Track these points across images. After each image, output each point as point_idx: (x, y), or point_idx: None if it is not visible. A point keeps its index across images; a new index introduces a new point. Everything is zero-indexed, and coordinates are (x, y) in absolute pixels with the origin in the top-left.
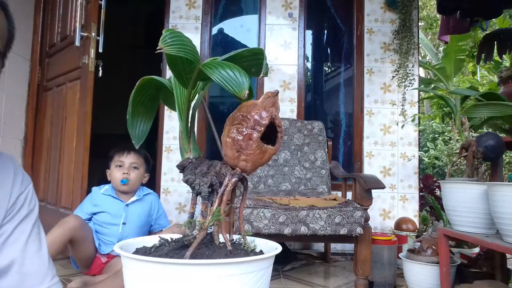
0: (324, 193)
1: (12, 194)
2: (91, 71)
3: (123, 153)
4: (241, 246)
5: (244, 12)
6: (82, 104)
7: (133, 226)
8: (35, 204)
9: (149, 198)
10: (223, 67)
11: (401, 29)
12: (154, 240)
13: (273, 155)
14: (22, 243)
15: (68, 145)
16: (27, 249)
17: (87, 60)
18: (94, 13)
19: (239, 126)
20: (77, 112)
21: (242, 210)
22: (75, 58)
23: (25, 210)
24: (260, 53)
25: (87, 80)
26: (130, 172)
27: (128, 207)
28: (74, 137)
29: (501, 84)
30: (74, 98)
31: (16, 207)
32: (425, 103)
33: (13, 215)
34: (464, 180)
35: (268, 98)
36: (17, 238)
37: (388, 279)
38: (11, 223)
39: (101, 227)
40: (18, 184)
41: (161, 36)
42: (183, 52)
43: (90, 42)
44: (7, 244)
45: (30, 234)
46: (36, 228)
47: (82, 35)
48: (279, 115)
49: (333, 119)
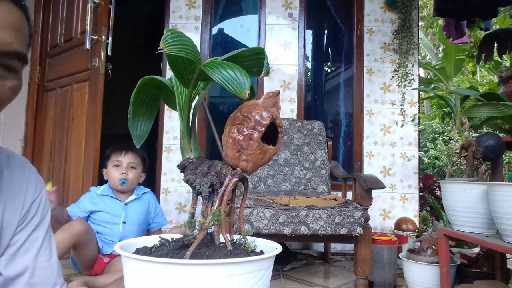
0: (324, 193)
1: (25, 201)
2: (101, 74)
3: (121, 153)
4: (241, 246)
5: (244, 12)
6: (92, 105)
7: (133, 224)
8: (48, 209)
9: (147, 196)
10: (224, 67)
11: (401, 29)
12: (154, 240)
13: (273, 155)
14: (35, 252)
15: (76, 145)
16: (38, 258)
17: (97, 62)
18: (104, 16)
19: (240, 126)
20: (86, 113)
21: (242, 210)
22: (82, 60)
23: (38, 217)
24: (261, 52)
25: (97, 82)
26: (128, 172)
27: (127, 206)
28: (83, 138)
29: (501, 84)
30: (82, 99)
31: (30, 215)
32: (425, 103)
33: (27, 223)
34: (464, 180)
35: (269, 98)
36: (30, 247)
37: (388, 279)
38: (25, 231)
39: (101, 227)
40: (32, 190)
41: (162, 36)
42: (184, 52)
43: (100, 45)
44: (20, 253)
45: (42, 243)
46: (48, 234)
47: (93, 38)
48: (280, 115)
49: (333, 119)
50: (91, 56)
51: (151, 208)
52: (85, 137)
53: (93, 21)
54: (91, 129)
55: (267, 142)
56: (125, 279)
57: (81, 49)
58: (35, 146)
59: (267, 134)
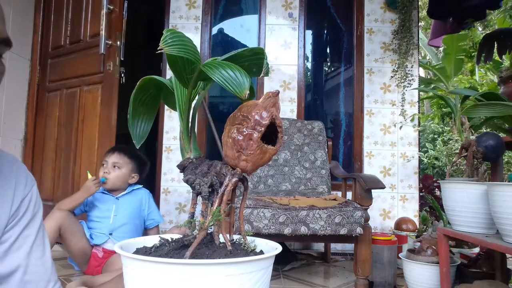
0: (324, 193)
1: (15, 198)
2: (116, 78)
3: (108, 153)
4: (241, 246)
5: (244, 12)
6: (107, 108)
7: (124, 218)
8: (39, 206)
9: (140, 192)
10: (224, 67)
11: (400, 29)
12: (154, 240)
13: (273, 155)
14: (27, 250)
15: (88, 147)
16: (31, 256)
17: (112, 67)
18: (119, 23)
19: (240, 126)
20: (99, 115)
21: (242, 210)
22: (93, 63)
23: (29, 214)
24: (261, 52)
25: (112, 86)
26: (111, 171)
27: (118, 200)
28: (96, 139)
29: (501, 84)
30: (94, 101)
31: (21, 212)
32: (425, 103)
33: (18, 220)
34: (464, 180)
35: (268, 98)
36: (22, 244)
37: (388, 279)
38: (16, 228)
39: (94, 222)
40: (22, 187)
41: (162, 36)
42: (184, 52)
43: (115, 50)
44: (12, 250)
45: (35, 240)
46: (41, 232)
47: (107, 43)
48: (279, 115)
49: (333, 119)
50: (104, 60)
51: (144, 204)
52: (98, 138)
53: (108, 26)
54: (106, 131)
55: (267, 142)
56: (125, 279)
57: (92, 52)
58: (35, 146)
59: (266, 134)
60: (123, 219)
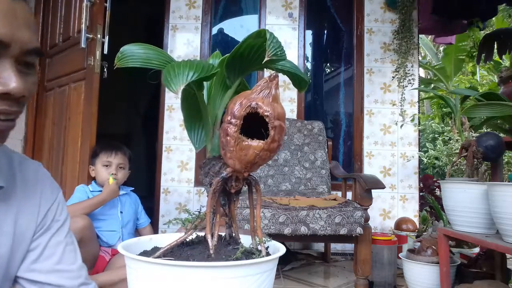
0: (324, 193)
1: (41, 206)
2: (96, 73)
3: (111, 154)
4: (250, 247)
5: (244, 12)
6: (87, 105)
7: (129, 214)
8: (67, 215)
9: (132, 193)
10: (173, 66)
11: (401, 29)
12: (160, 240)
13: (261, 150)
14: (58, 257)
15: (73, 145)
16: (62, 262)
17: (92, 61)
18: (99, 15)
19: (223, 122)
20: (82, 112)
21: (252, 215)
22: (79, 59)
23: (57, 222)
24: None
25: (92, 81)
26: (118, 173)
27: (120, 197)
28: (79, 137)
29: (501, 84)
30: (79, 99)
31: (48, 220)
32: (425, 103)
33: (46, 228)
34: (464, 180)
35: (259, 86)
36: (53, 252)
37: (388, 279)
38: (45, 236)
39: (100, 221)
40: (48, 195)
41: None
42: (132, 63)
43: (95, 44)
44: (42, 258)
45: (65, 247)
46: (70, 238)
47: (88, 37)
48: (278, 103)
49: (333, 119)
50: (86, 55)
51: (137, 204)
52: (81, 136)
53: (89, 19)
54: (87, 128)
55: (261, 137)
56: (128, 279)
57: (78, 48)
58: (35, 146)
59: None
60: (128, 216)
